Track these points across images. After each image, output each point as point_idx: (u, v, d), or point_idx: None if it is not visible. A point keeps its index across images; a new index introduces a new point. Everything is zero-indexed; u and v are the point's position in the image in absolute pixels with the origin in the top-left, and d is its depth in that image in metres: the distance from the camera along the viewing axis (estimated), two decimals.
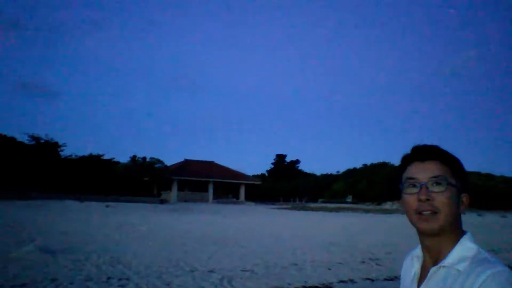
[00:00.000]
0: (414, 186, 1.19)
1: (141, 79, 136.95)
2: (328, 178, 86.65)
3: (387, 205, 62.82)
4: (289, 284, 8.47)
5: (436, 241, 1.16)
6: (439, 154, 1.19)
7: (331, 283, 8.75)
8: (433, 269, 1.15)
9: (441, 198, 1.14)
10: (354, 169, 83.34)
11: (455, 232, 1.16)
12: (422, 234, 1.21)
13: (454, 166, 1.18)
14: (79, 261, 9.78)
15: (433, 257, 1.19)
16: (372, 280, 9.35)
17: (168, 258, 10.80)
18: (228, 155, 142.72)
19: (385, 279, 9.55)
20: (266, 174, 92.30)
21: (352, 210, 47.35)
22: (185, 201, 54.02)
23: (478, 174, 79.42)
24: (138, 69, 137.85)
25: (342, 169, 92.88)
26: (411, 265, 1.28)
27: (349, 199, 70.55)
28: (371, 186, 68.94)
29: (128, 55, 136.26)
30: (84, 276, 8.26)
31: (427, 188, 1.15)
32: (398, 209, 56.78)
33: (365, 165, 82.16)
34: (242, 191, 62.16)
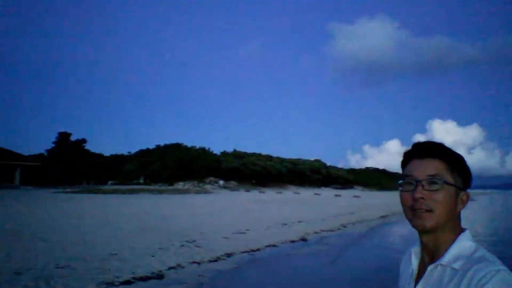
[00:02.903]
0: (410, 183, 1.18)
1: None
2: (118, 159, 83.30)
3: (179, 185, 64.74)
4: (117, 277, 7.78)
5: (433, 239, 1.16)
6: (439, 152, 1.19)
7: (161, 271, 8.44)
8: (430, 267, 1.15)
9: (435, 197, 1.13)
10: (147, 149, 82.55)
11: (452, 229, 1.16)
12: (418, 231, 1.21)
13: (454, 164, 1.18)
14: None
15: (430, 255, 1.19)
16: (199, 263, 9.43)
17: None
18: None
19: (210, 261, 9.77)
20: (45, 154, 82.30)
21: (148, 191, 46.90)
22: None
23: (259, 155, 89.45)
24: None
25: (134, 149, 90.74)
26: (409, 262, 1.28)
27: (142, 180, 69.67)
28: (164, 167, 69.71)
29: None
30: None
31: (422, 186, 1.14)
32: (190, 189, 59.24)
33: (158, 146, 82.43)
34: (17, 175, 53.99)
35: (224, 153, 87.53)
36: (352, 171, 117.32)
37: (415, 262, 1.26)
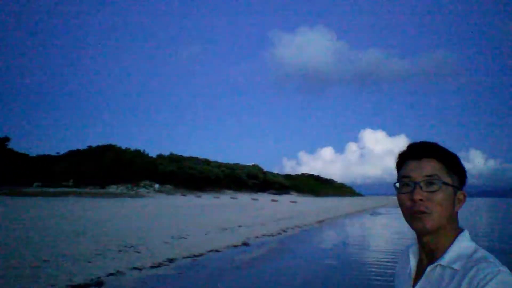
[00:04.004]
0: (408, 185, 1.16)
1: None
2: (46, 160, 78.16)
3: (112, 189, 62.13)
4: (52, 285, 7.23)
5: (432, 239, 1.15)
6: (435, 152, 1.18)
7: (99, 278, 7.95)
8: (430, 267, 1.14)
9: (434, 198, 1.12)
10: (78, 150, 78.29)
11: (451, 230, 1.16)
12: (417, 233, 1.19)
13: (450, 164, 1.17)
14: None
15: (429, 255, 1.18)
16: (140, 269, 9.02)
17: None
18: None
19: (152, 267, 9.39)
20: None
21: (78, 194, 44.48)
22: None
23: (197, 159, 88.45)
24: None
25: (63, 150, 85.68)
26: (407, 262, 1.26)
27: (71, 183, 65.92)
28: (96, 169, 66.56)
29: None
30: None
31: (420, 187, 1.13)
32: (124, 192, 57.08)
33: (90, 147, 78.50)
34: None
35: (160, 156, 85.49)
36: (288, 177, 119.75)
37: (413, 262, 1.23)
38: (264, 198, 66.45)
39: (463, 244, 1.13)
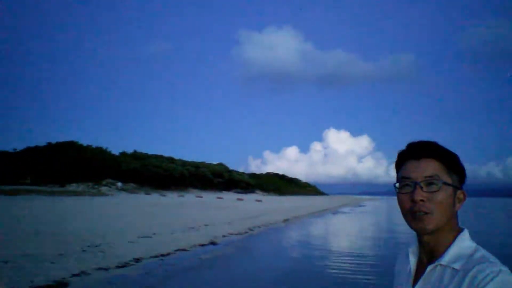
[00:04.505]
0: (408, 185, 1.16)
1: None
2: (1, 156, 74.73)
3: (73, 187, 60.19)
4: (12, 287, 6.87)
5: (432, 239, 1.15)
6: (435, 152, 1.17)
7: (64, 279, 7.68)
8: (430, 267, 1.14)
9: (435, 198, 1.12)
10: (36, 147, 75.26)
11: (451, 229, 1.16)
12: (417, 233, 1.20)
13: (450, 163, 1.17)
14: None
15: (429, 254, 1.18)
16: (106, 269, 8.78)
17: None
18: None
19: (118, 267, 9.16)
20: None
21: (36, 192, 42.78)
22: None
23: (161, 157, 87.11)
24: None
25: (20, 146, 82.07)
26: (406, 262, 1.26)
27: (29, 180, 63.30)
28: (56, 166, 64.27)
29: None
30: None
31: (421, 188, 1.13)
32: (85, 191, 55.40)
33: (49, 144, 75.64)
34: None
35: (123, 154, 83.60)
36: (253, 175, 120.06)
37: (413, 262, 1.23)
38: (230, 197, 66.33)
39: (463, 244, 1.13)
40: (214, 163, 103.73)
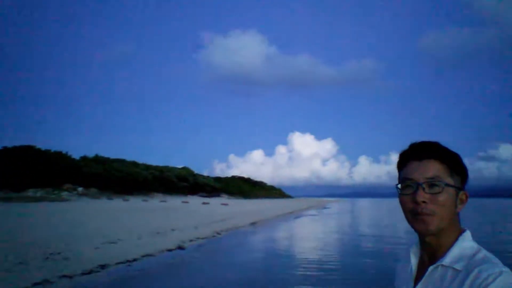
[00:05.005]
0: (410, 186, 1.15)
1: None
2: None
3: (30, 193, 57.79)
4: None
5: (434, 240, 1.15)
6: (437, 152, 1.16)
7: None
8: (431, 267, 1.13)
9: (437, 200, 1.12)
10: None
11: (453, 230, 1.16)
12: (419, 234, 1.20)
13: (452, 164, 1.16)
14: None
15: (430, 255, 1.17)
16: (70, 277, 8.43)
17: None
18: None
19: (83, 274, 8.82)
20: None
21: None
22: None
23: (124, 161, 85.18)
24: None
25: None
26: (408, 262, 1.25)
27: None
28: (12, 171, 61.49)
29: None
30: None
31: (423, 189, 1.12)
32: (44, 196, 53.32)
33: (5, 148, 72.26)
34: None
35: (84, 158, 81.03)
36: (218, 179, 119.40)
37: (414, 262, 1.23)
38: (195, 201, 65.64)
39: (465, 245, 1.13)
40: (179, 167, 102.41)
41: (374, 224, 30.87)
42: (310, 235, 22.10)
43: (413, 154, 1.18)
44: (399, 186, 1.18)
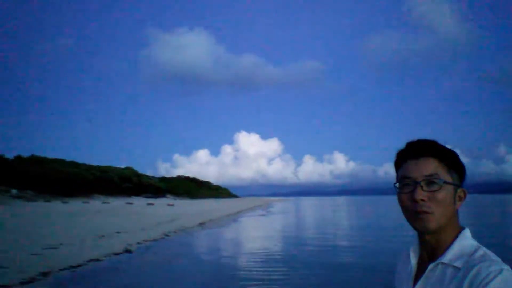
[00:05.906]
0: (408, 185, 1.15)
1: None
2: None
3: None
4: None
5: (434, 238, 1.15)
6: (434, 150, 1.16)
7: None
8: (431, 266, 1.13)
9: (435, 198, 1.12)
10: None
11: (452, 228, 1.16)
12: (419, 232, 1.20)
13: (450, 161, 1.16)
14: None
15: (430, 253, 1.17)
16: (9, 287, 7.83)
17: None
18: None
19: (23, 283, 8.25)
20: None
21: None
22: None
23: (63, 161, 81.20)
24: None
25: None
26: (407, 260, 1.25)
27: None
28: None
29: None
30: None
31: (421, 187, 1.12)
32: None
33: None
34: None
35: (18, 158, 76.25)
36: (163, 179, 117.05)
37: (414, 261, 1.23)
38: (140, 202, 63.91)
39: (464, 242, 1.13)
40: (122, 167, 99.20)
41: (314, 223, 31.64)
42: (260, 235, 22.23)
43: (411, 153, 1.18)
44: (397, 185, 1.18)
